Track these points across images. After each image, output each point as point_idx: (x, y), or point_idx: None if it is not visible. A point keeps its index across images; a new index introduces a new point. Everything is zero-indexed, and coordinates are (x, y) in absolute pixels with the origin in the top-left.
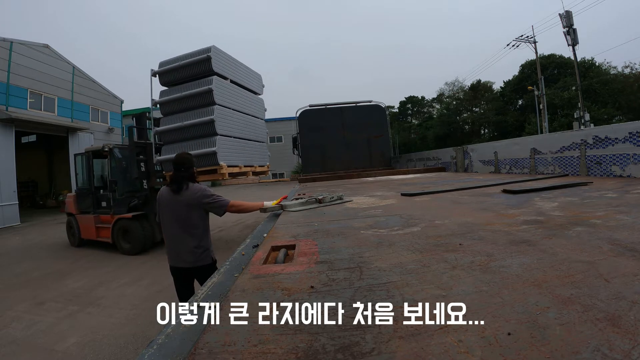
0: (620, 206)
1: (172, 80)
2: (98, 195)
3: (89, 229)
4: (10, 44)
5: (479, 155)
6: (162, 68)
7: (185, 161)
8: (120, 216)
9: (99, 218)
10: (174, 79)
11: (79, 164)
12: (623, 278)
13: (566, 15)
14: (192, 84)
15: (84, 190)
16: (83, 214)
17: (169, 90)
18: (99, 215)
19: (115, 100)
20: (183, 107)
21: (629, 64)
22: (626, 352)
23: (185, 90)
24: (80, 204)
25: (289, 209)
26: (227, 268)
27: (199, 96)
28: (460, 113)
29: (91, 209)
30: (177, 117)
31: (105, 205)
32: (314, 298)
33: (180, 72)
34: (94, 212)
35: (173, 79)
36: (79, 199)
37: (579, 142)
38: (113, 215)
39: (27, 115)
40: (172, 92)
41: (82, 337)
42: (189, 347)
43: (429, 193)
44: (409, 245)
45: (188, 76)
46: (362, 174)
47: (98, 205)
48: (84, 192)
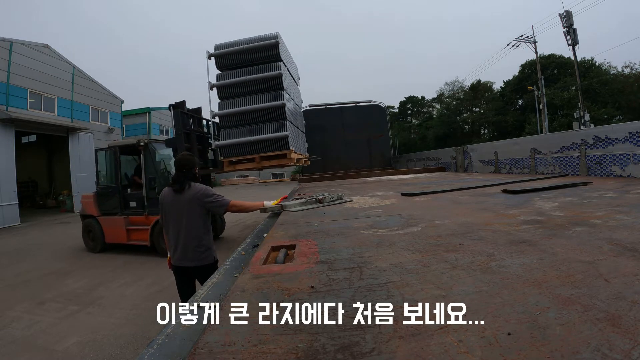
0: (620, 206)
1: (228, 64)
2: (126, 195)
3: (118, 232)
4: (10, 44)
5: (479, 155)
6: (220, 51)
7: (187, 162)
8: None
9: (129, 219)
10: (231, 62)
11: (102, 160)
12: (623, 278)
13: (566, 15)
14: (254, 68)
15: (108, 189)
16: (107, 215)
17: (226, 74)
18: (128, 216)
19: (115, 100)
20: (242, 91)
21: (629, 64)
22: (626, 352)
23: (243, 75)
24: (102, 205)
25: (289, 209)
26: (227, 268)
27: (263, 81)
28: (460, 113)
29: (118, 210)
30: (233, 102)
31: (136, 205)
32: (314, 298)
33: (239, 56)
34: (122, 213)
35: (230, 63)
36: (100, 199)
37: (579, 142)
38: (148, 215)
39: (27, 115)
40: (228, 76)
41: (82, 337)
42: (189, 347)
43: (429, 193)
44: (409, 245)
45: (247, 60)
46: (362, 174)
47: (126, 205)
48: (107, 191)
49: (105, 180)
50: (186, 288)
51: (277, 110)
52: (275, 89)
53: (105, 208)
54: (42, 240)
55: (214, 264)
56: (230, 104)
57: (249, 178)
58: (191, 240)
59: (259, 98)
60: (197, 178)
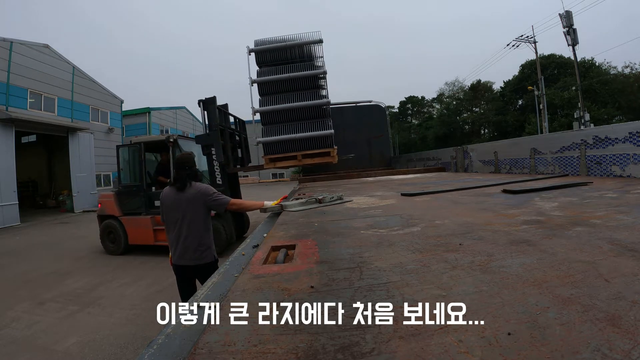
0: (620, 206)
1: (267, 60)
2: (150, 194)
3: (143, 232)
4: (10, 44)
5: (479, 155)
6: (260, 47)
7: (188, 161)
8: None
9: (155, 219)
10: (270, 59)
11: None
12: (623, 278)
13: (566, 15)
14: (294, 65)
15: (132, 187)
16: (130, 215)
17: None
18: (154, 216)
19: (115, 100)
20: (283, 89)
21: (629, 64)
22: (626, 352)
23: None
24: (125, 204)
25: (289, 209)
26: (227, 268)
27: (306, 78)
28: (460, 113)
29: (143, 210)
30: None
31: None
32: (314, 298)
33: (280, 53)
34: (148, 213)
35: (268, 59)
36: (122, 198)
37: (579, 142)
38: None
39: (27, 115)
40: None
41: (82, 337)
42: (189, 347)
43: (429, 193)
44: (409, 245)
45: (287, 58)
46: (362, 174)
47: (150, 204)
48: (131, 190)
49: (128, 178)
50: (187, 287)
51: (321, 108)
52: (317, 87)
53: (129, 208)
54: (42, 240)
55: (214, 262)
56: (270, 100)
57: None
58: (192, 239)
59: (300, 95)
60: (198, 177)
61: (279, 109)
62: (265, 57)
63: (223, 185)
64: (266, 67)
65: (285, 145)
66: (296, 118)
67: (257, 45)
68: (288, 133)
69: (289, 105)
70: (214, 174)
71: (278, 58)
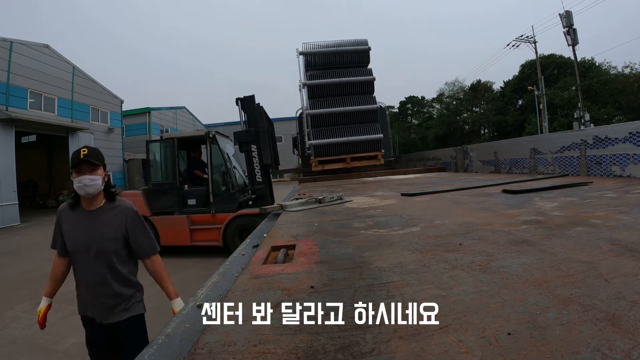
0: (620, 206)
1: (314, 64)
2: (183, 192)
3: (178, 232)
4: (10, 44)
5: (479, 155)
6: (310, 50)
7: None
8: (240, 213)
9: (190, 219)
10: (318, 62)
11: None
12: (623, 278)
13: (566, 15)
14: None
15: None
16: (161, 215)
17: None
18: (189, 215)
19: (115, 100)
20: (331, 92)
21: (629, 64)
22: (626, 352)
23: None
24: (155, 204)
25: (289, 209)
26: (227, 268)
27: (354, 83)
28: (460, 113)
29: (176, 209)
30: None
31: (196, 203)
32: (314, 298)
33: (328, 57)
34: (182, 212)
35: (316, 63)
36: (151, 197)
37: (579, 142)
38: (215, 214)
39: (27, 115)
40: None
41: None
42: (189, 347)
43: (429, 193)
44: (409, 245)
45: (335, 63)
46: (362, 174)
47: (184, 203)
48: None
49: (159, 176)
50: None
51: (370, 113)
52: (365, 93)
53: (159, 207)
54: (42, 240)
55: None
56: (318, 103)
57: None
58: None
59: (348, 100)
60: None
61: (327, 113)
62: (314, 61)
63: (262, 183)
64: (312, 70)
65: (335, 148)
66: (345, 122)
67: (306, 49)
68: (337, 136)
69: (339, 109)
70: (253, 172)
71: (326, 62)
